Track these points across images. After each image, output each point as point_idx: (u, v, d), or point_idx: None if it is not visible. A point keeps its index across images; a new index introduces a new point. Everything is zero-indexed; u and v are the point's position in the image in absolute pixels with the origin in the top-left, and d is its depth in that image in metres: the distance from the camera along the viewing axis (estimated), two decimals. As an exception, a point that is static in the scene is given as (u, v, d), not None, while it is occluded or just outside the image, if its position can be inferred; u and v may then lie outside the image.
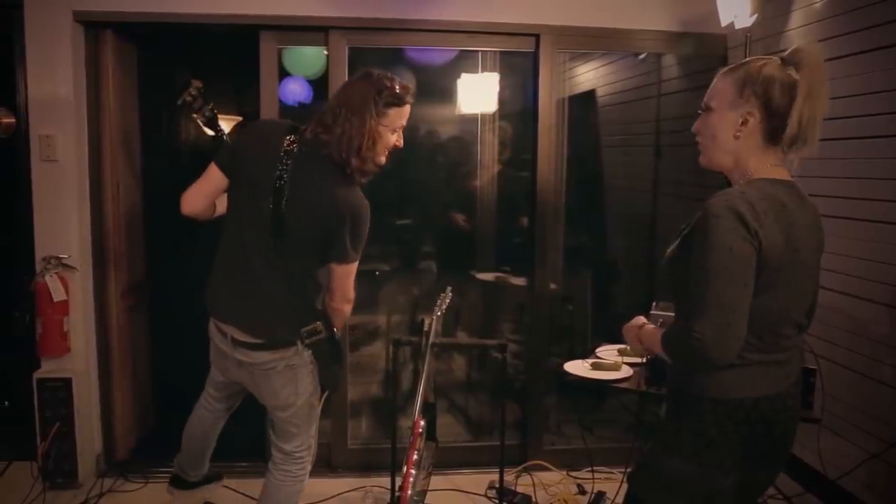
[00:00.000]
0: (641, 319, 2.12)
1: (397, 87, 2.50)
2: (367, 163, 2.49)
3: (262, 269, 2.51)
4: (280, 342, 2.57)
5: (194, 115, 3.19)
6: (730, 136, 1.82)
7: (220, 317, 2.64)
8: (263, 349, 2.56)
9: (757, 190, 1.74)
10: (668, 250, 1.89)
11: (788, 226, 1.72)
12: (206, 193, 2.62)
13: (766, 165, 1.81)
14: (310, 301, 2.61)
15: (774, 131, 1.78)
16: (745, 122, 1.79)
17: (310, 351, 2.64)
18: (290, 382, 2.63)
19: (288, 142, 2.49)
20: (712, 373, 1.78)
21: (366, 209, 2.50)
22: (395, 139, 2.57)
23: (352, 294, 2.63)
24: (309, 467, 2.85)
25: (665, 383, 2.05)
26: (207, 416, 3.03)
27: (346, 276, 2.56)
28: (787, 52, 1.80)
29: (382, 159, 2.56)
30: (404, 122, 2.58)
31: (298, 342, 2.59)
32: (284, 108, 4.25)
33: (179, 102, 3.19)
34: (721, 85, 1.85)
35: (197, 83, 3.22)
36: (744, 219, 1.65)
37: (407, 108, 2.56)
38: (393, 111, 2.50)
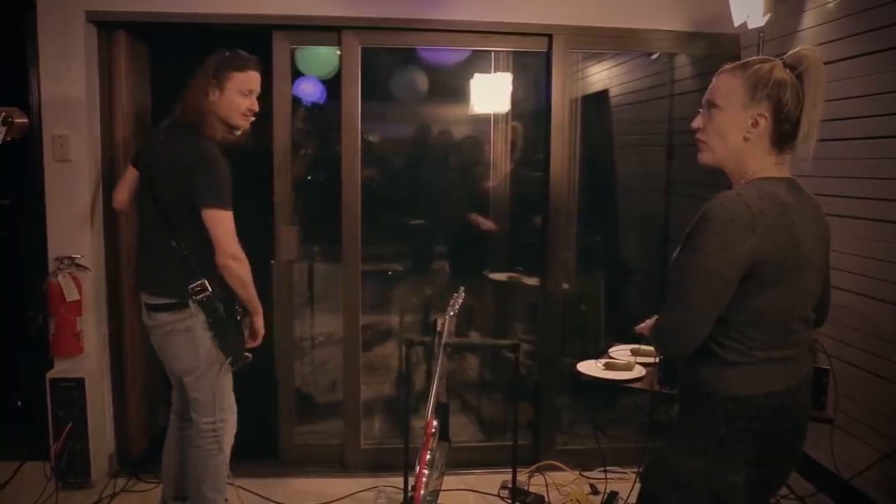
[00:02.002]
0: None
1: (240, 55, 2.82)
2: (215, 120, 2.80)
3: (151, 233, 2.84)
4: (175, 302, 2.77)
5: None
6: (739, 136, 1.81)
7: (136, 286, 2.99)
8: (163, 310, 2.79)
9: (756, 190, 1.75)
10: (675, 253, 1.89)
11: (789, 223, 1.73)
12: (122, 187, 3.10)
13: (767, 165, 1.82)
14: (192, 257, 2.75)
15: (783, 135, 1.79)
16: (755, 124, 1.79)
17: (204, 316, 2.77)
18: (190, 345, 2.80)
19: (163, 126, 2.89)
20: (721, 370, 1.79)
21: (215, 155, 2.72)
22: (248, 103, 2.85)
23: (234, 249, 2.73)
24: (221, 446, 2.92)
25: (677, 383, 2.08)
26: (174, 432, 3.17)
27: (216, 223, 2.68)
28: (789, 56, 1.80)
29: (238, 120, 2.85)
30: (254, 87, 2.86)
31: (191, 303, 2.75)
32: (297, 109, 4.25)
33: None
34: (728, 84, 1.83)
35: None
36: (734, 224, 1.67)
37: (252, 74, 2.84)
38: (237, 75, 2.79)
